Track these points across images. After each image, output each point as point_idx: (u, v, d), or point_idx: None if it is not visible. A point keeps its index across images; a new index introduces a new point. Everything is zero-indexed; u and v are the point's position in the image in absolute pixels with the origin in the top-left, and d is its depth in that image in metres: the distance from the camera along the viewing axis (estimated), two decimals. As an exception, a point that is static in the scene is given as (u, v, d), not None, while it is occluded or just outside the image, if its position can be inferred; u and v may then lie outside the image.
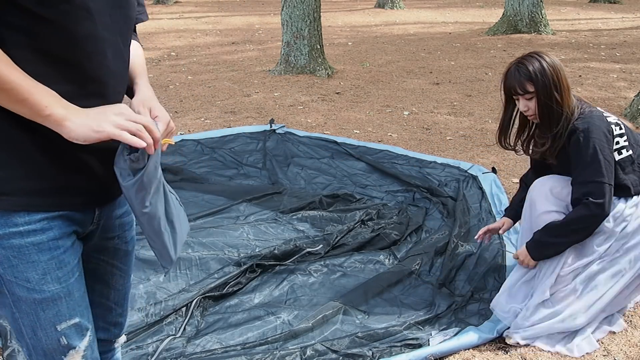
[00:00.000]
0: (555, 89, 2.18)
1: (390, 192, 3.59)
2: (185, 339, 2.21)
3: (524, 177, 2.67)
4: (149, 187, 1.15)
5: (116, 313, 1.41)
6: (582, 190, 2.15)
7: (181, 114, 5.19)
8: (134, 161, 1.10)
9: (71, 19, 1.04)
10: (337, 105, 5.43)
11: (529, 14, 9.12)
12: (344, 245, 2.94)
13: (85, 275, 1.30)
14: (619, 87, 6.00)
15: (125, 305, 1.44)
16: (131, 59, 1.28)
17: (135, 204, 1.16)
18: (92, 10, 1.06)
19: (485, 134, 4.62)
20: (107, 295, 1.37)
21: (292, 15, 6.56)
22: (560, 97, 2.19)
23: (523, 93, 2.22)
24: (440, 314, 2.39)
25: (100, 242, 1.29)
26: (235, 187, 3.62)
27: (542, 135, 2.28)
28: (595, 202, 2.11)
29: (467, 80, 6.38)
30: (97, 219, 1.23)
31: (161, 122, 1.19)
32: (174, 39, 9.17)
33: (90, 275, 1.31)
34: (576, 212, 2.17)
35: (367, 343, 2.20)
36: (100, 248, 1.30)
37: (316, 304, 2.45)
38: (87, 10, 1.05)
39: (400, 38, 9.28)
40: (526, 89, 2.21)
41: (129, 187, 1.12)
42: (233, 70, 7.00)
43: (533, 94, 2.21)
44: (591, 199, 2.12)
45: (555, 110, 2.19)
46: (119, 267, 1.37)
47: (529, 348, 2.21)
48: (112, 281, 1.37)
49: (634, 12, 12.33)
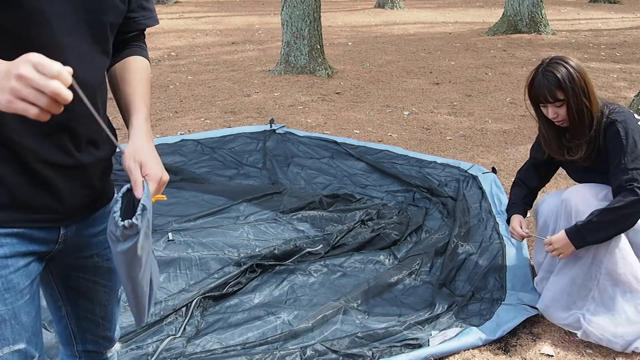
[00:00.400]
0: (584, 94, 2.17)
1: (390, 192, 3.59)
2: (185, 339, 2.21)
3: (523, 175, 2.61)
4: (141, 255, 1.08)
5: (104, 327, 1.37)
6: (625, 177, 2.11)
7: (181, 114, 5.19)
8: (127, 228, 1.02)
9: (23, 25, 0.97)
10: (337, 105, 5.43)
11: (529, 14, 9.12)
12: (344, 245, 2.94)
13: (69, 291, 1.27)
14: (619, 87, 6.00)
15: (113, 319, 1.38)
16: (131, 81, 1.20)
17: (123, 272, 1.09)
18: (49, 14, 0.99)
19: (485, 134, 4.62)
20: (92, 310, 1.32)
21: (292, 15, 6.56)
22: (589, 101, 2.18)
23: (553, 101, 2.19)
24: (441, 314, 2.38)
25: (77, 261, 1.24)
26: (235, 187, 3.62)
27: (577, 142, 2.26)
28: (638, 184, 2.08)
29: (467, 80, 6.38)
30: (62, 238, 1.16)
31: (152, 180, 1.09)
32: (174, 39, 9.17)
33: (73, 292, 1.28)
34: (624, 197, 2.11)
35: (367, 343, 2.19)
36: (79, 266, 1.25)
37: (316, 304, 2.45)
38: (41, 15, 0.98)
39: (400, 38, 9.28)
40: (556, 97, 2.18)
41: (118, 254, 1.05)
42: (233, 70, 7.00)
43: (563, 101, 2.18)
44: (635, 184, 2.08)
45: (586, 114, 2.19)
46: (102, 284, 1.30)
47: (529, 348, 2.21)
48: (96, 297, 1.31)
49: (634, 12, 12.33)
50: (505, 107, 5.34)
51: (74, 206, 1.14)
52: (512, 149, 4.28)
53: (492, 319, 2.32)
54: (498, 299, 2.47)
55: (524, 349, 2.21)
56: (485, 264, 2.74)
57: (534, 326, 2.34)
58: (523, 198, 2.57)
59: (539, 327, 2.33)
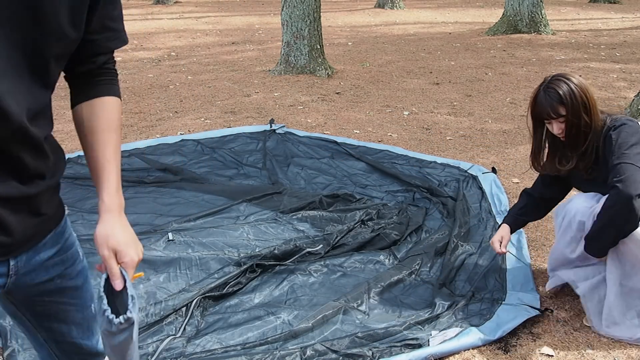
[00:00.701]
0: (584, 110, 2.20)
1: (390, 192, 3.59)
2: (185, 339, 2.21)
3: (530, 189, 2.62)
4: (136, 339, 1.07)
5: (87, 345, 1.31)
6: (610, 175, 2.12)
7: (181, 114, 5.19)
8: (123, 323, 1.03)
9: None
10: (337, 105, 5.43)
11: (529, 14, 9.12)
12: (344, 245, 2.94)
13: (39, 318, 1.22)
14: (619, 87, 6.00)
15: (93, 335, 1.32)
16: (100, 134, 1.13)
17: (118, 357, 1.08)
18: None
19: (485, 134, 4.62)
20: (68, 332, 1.26)
21: (292, 15, 6.56)
22: (589, 118, 2.21)
23: (556, 117, 2.23)
24: (441, 314, 2.38)
25: (37, 287, 1.17)
26: (235, 187, 3.62)
27: (568, 155, 2.31)
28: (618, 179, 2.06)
29: (467, 80, 6.38)
30: (13, 270, 1.10)
31: (129, 268, 1.08)
32: (174, 39, 9.17)
33: (43, 317, 1.22)
34: (609, 196, 2.11)
35: (367, 343, 2.19)
36: (41, 292, 1.18)
37: (316, 304, 2.45)
38: None
39: (400, 38, 9.28)
40: (559, 113, 2.22)
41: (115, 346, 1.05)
42: (233, 70, 7.00)
43: (565, 116, 2.22)
44: (615, 179, 2.07)
45: (582, 131, 2.22)
46: (71, 304, 1.24)
47: (529, 348, 2.21)
48: (69, 318, 1.25)
49: (634, 12, 12.33)
50: (505, 107, 5.34)
51: (23, 237, 1.07)
52: (512, 149, 4.28)
53: (492, 319, 2.32)
54: (498, 299, 2.47)
55: (524, 349, 2.21)
56: (485, 264, 2.74)
57: (534, 326, 2.34)
58: (520, 208, 2.60)
59: (539, 327, 2.33)
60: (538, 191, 2.58)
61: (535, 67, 6.94)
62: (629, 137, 2.16)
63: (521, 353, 2.18)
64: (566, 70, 6.75)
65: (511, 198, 3.42)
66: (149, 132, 4.67)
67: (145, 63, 7.41)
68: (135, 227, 3.39)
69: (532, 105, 2.31)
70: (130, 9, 13.18)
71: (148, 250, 2.74)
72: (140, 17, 11.70)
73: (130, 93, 5.91)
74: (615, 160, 2.13)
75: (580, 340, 2.25)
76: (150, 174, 3.81)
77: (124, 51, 8.12)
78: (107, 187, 1.14)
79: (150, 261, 2.66)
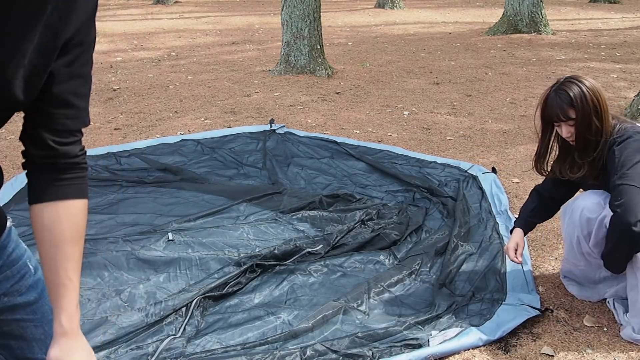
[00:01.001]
0: (595, 114, 2.15)
1: (390, 192, 3.59)
2: (185, 339, 2.21)
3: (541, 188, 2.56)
4: None
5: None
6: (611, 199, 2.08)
7: (181, 114, 5.19)
8: None
9: None
10: (337, 105, 5.42)
11: (529, 14, 9.12)
12: (344, 245, 2.94)
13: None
14: (619, 87, 6.00)
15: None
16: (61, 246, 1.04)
17: None
18: None
19: (485, 134, 4.62)
20: (30, 349, 1.20)
21: (292, 15, 6.56)
22: (599, 123, 2.16)
23: (566, 120, 2.18)
24: (441, 314, 2.38)
25: None
26: (235, 187, 3.62)
27: (579, 161, 2.26)
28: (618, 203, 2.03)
29: (467, 80, 6.38)
30: None
31: None
32: (174, 39, 9.17)
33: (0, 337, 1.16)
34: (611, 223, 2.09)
35: (367, 343, 2.19)
36: None
37: (316, 304, 2.45)
38: None
39: (400, 38, 9.28)
40: (569, 116, 2.17)
41: None
42: (233, 70, 7.00)
43: (575, 119, 2.17)
44: (615, 204, 2.04)
45: (593, 135, 2.17)
46: (27, 320, 1.17)
47: (529, 348, 2.21)
48: (28, 335, 1.19)
49: (634, 12, 12.33)
50: (505, 107, 5.34)
51: None
52: (512, 149, 4.28)
53: (492, 319, 2.32)
54: (498, 299, 2.47)
55: (524, 349, 2.20)
56: (486, 264, 2.74)
57: (534, 326, 2.34)
58: (531, 210, 2.53)
59: (539, 327, 2.33)
60: (548, 192, 2.52)
61: (536, 67, 6.94)
62: (633, 154, 2.10)
63: (521, 353, 2.18)
64: (566, 70, 6.75)
65: (511, 198, 3.42)
66: (149, 132, 4.67)
67: (145, 63, 7.41)
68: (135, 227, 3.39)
69: (542, 106, 2.25)
70: (130, 8, 13.18)
71: (148, 250, 2.75)
72: (140, 17, 11.70)
73: (130, 93, 5.91)
74: (617, 180, 2.08)
75: (580, 340, 2.25)
76: (150, 174, 3.81)
77: (124, 51, 8.12)
78: (66, 309, 1.06)
79: (150, 261, 2.66)
